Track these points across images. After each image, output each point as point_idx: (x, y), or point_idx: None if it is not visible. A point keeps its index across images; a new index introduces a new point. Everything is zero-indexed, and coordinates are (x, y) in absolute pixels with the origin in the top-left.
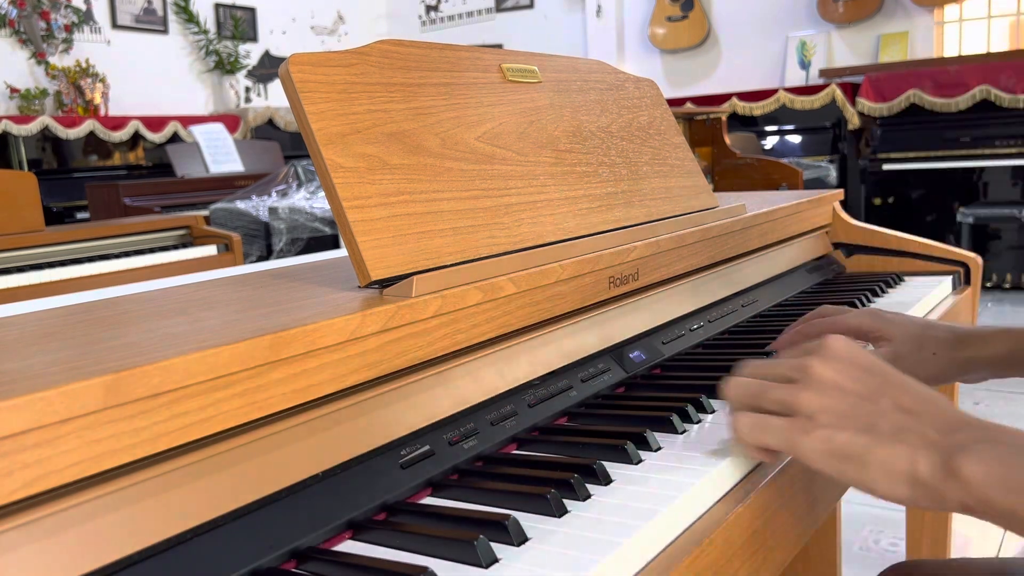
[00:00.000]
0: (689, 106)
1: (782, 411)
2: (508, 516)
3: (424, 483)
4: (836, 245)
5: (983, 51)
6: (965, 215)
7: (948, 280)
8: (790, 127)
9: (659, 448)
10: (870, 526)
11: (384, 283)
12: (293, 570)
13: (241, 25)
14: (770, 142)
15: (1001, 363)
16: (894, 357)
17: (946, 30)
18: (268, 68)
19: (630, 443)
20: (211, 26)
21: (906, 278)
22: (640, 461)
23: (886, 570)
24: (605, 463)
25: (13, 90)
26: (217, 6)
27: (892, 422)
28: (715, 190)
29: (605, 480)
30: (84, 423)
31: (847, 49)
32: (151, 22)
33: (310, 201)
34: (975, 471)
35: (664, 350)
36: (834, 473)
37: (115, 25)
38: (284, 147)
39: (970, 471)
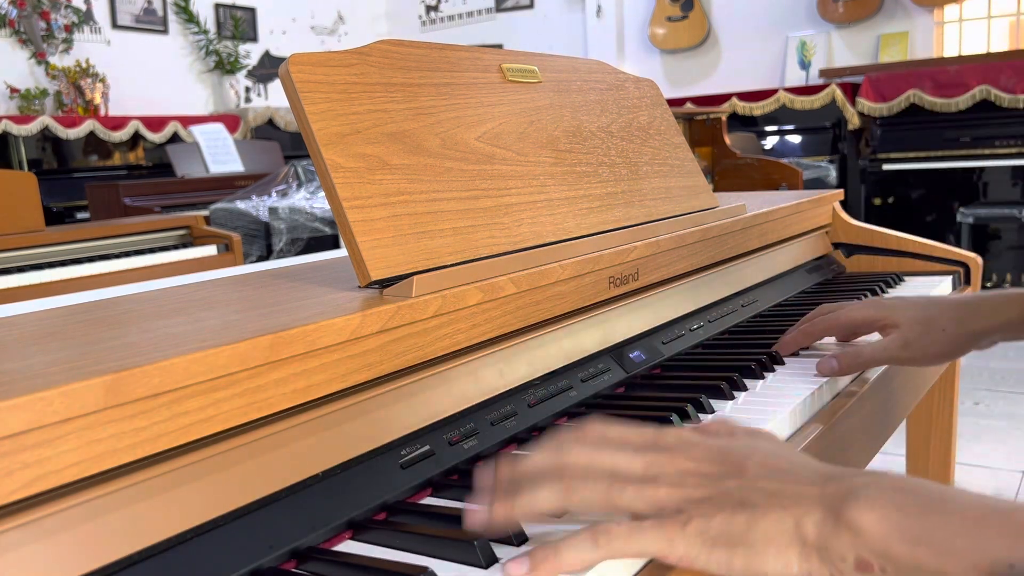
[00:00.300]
0: (689, 106)
1: (643, 512)
2: None
3: (424, 483)
4: (836, 245)
5: (983, 51)
6: (965, 215)
7: (948, 280)
8: (790, 127)
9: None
10: None
11: (384, 283)
12: (293, 570)
13: (241, 25)
14: (770, 142)
15: (1012, 328)
16: (904, 343)
17: (946, 30)
18: (268, 68)
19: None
20: (211, 26)
21: (906, 278)
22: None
23: None
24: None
25: (13, 90)
26: (217, 6)
27: (763, 489)
28: (715, 190)
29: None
30: (84, 423)
31: (847, 49)
32: (151, 22)
33: (310, 201)
34: (868, 518)
35: (664, 350)
36: (723, 567)
37: (115, 25)
38: (284, 147)
39: (862, 519)
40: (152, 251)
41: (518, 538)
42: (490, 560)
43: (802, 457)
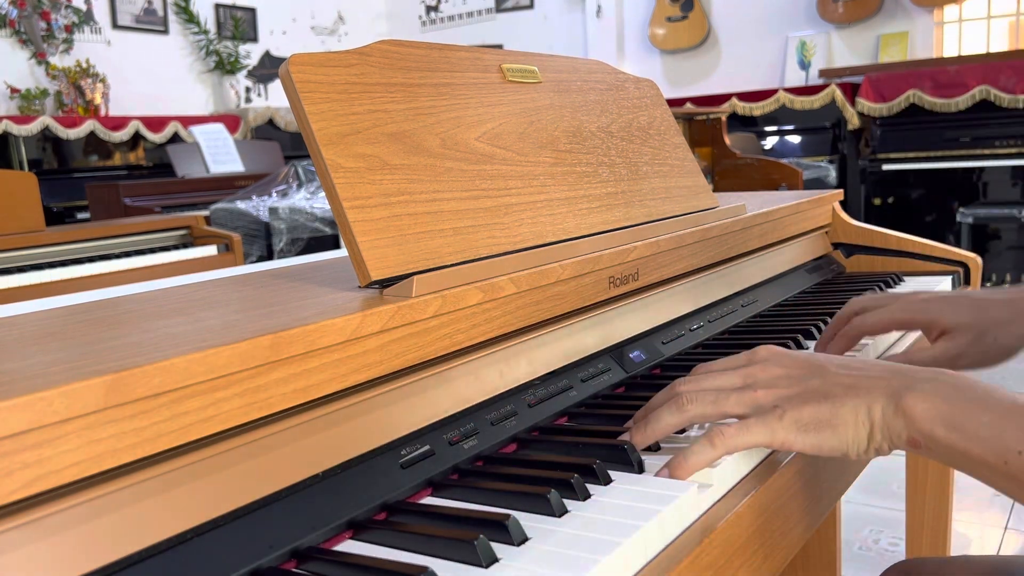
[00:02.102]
0: (689, 106)
1: (746, 413)
2: (508, 516)
3: (424, 483)
4: (836, 245)
5: (983, 51)
6: (965, 215)
7: (948, 280)
8: (790, 127)
9: (659, 448)
10: (870, 526)
11: (384, 283)
12: (293, 570)
13: (241, 25)
14: (770, 142)
15: None
16: (957, 354)
17: (946, 30)
18: (268, 68)
19: (629, 443)
20: (211, 26)
21: (906, 278)
22: (640, 461)
23: (887, 570)
24: (605, 463)
25: (13, 90)
26: (217, 6)
27: (843, 383)
28: (715, 190)
29: (605, 480)
30: (84, 423)
31: (847, 49)
32: (151, 22)
33: (310, 201)
34: (920, 407)
35: (664, 350)
36: (814, 447)
37: (115, 25)
38: (284, 147)
39: (915, 407)
40: (152, 251)
41: (518, 538)
42: (490, 560)
43: (873, 359)
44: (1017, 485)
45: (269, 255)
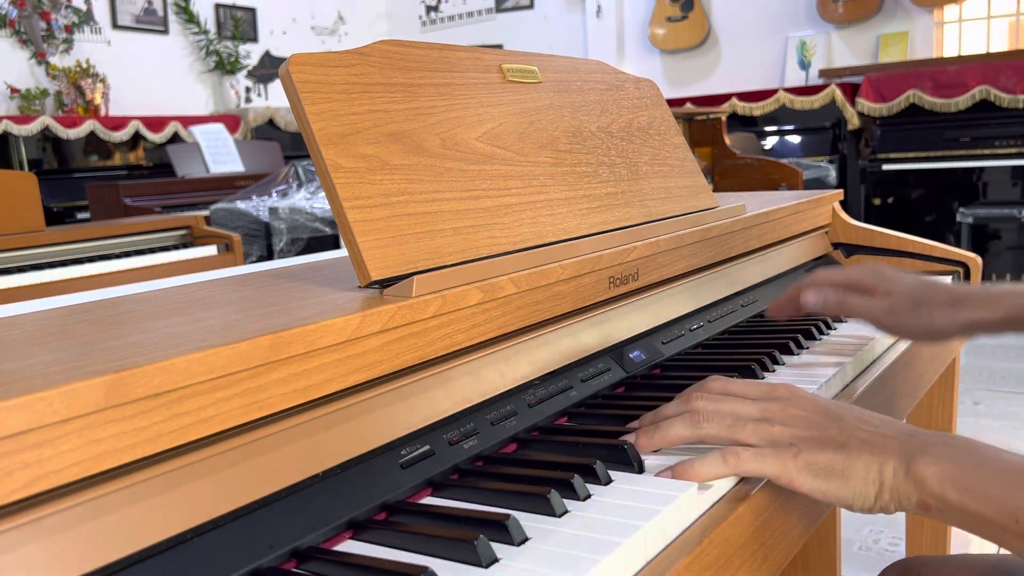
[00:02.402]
0: (689, 106)
1: (759, 445)
2: (508, 516)
3: (424, 483)
4: (836, 245)
5: (983, 51)
6: (965, 215)
7: (948, 280)
8: (790, 127)
9: (659, 449)
10: (870, 526)
11: (384, 283)
12: (293, 570)
13: (241, 25)
14: (770, 142)
15: (998, 325)
16: (890, 310)
17: (946, 30)
18: (268, 68)
19: (630, 443)
20: (211, 26)
21: None
22: (641, 461)
23: (887, 568)
24: (605, 463)
25: (13, 90)
26: (217, 6)
27: (859, 437)
28: (715, 190)
29: (605, 480)
30: (84, 423)
31: (847, 49)
32: (151, 22)
33: (310, 201)
34: (931, 471)
35: (664, 350)
36: (819, 492)
37: (115, 25)
38: (284, 147)
39: (926, 471)
40: (152, 251)
41: (518, 538)
42: (490, 560)
43: (888, 417)
44: None
45: (269, 255)
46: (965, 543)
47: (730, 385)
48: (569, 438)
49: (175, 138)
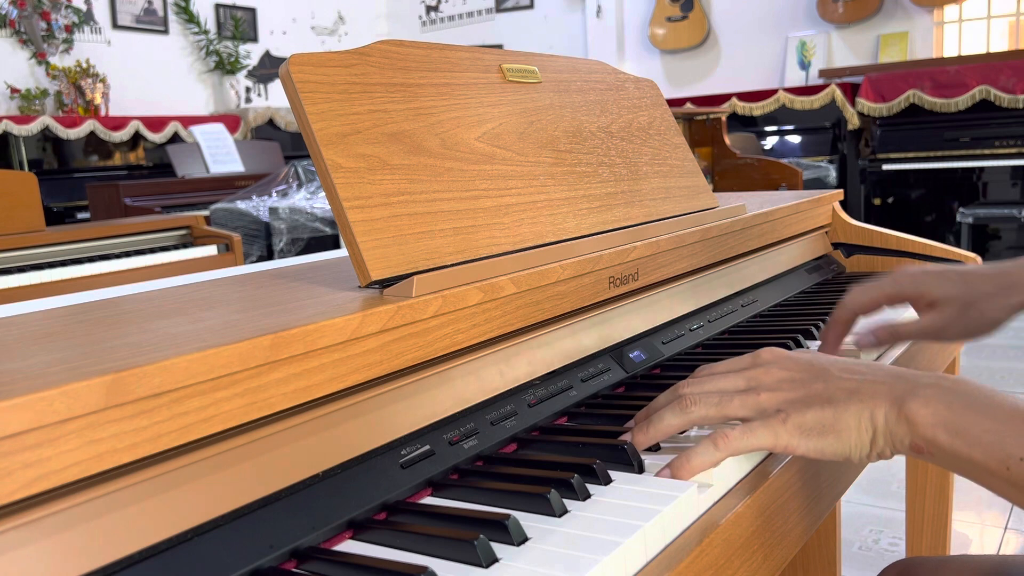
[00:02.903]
0: (689, 106)
1: (749, 417)
2: (508, 516)
3: (424, 483)
4: (836, 245)
5: (983, 51)
6: (965, 215)
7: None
8: (790, 127)
9: (659, 448)
10: (870, 526)
11: (384, 283)
12: (293, 570)
13: (241, 25)
14: (770, 142)
15: None
16: (943, 325)
17: (946, 30)
18: (268, 68)
19: (630, 443)
20: (211, 26)
21: None
22: (641, 461)
23: (887, 568)
24: (605, 463)
25: (13, 90)
26: (217, 6)
27: (845, 388)
28: (715, 190)
29: (605, 480)
30: (85, 423)
31: (847, 49)
32: (151, 22)
33: (310, 201)
34: (923, 412)
35: (664, 350)
36: (817, 452)
37: (115, 25)
38: (284, 147)
39: (918, 413)
40: (152, 251)
41: (518, 538)
42: (490, 560)
43: (875, 363)
44: (1018, 491)
45: (269, 255)
46: (965, 544)
47: (715, 366)
48: (569, 438)
49: (175, 138)
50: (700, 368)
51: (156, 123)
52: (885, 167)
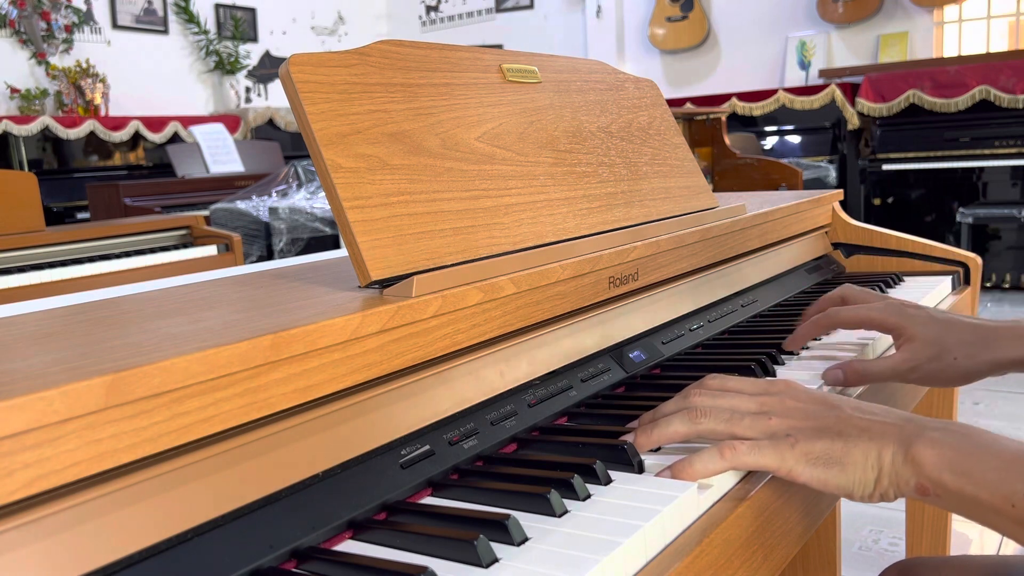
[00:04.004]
0: (689, 106)
1: (757, 439)
2: (508, 516)
3: (424, 483)
4: (836, 245)
5: (983, 51)
6: (964, 215)
7: (948, 280)
8: (790, 127)
9: (659, 449)
10: (870, 526)
11: (384, 283)
12: (293, 570)
13: (241, 25)
14: (770, 142)
15: None
16: (913, 367)
17: (946, 30)
18: (268, 68)
19: (630, 443)
20: (211, 26)
21: (905, 278)
22: (641, 461)
23: (887, 568)
24: (605, 463)
25: (13, 90)
26: (217, 6)
27: (856, 424)
28: (715, 190)
29: (605, 480)
30: (85, 423)
31: (847, 49)
32: (151, 22)
33: (310, 201)
34: (929, 454)
35: (664, 350)
36: (818, 481)
37: (115, 25)
38: (284, 147)
39: (924, 454)
40: (152, 251)
41: (518, 538)
42: (490, 560)
43: (884, 406)
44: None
45: (269, 255)
46: (965, 544)
47: (727, 381)
48: (569, 438)
49: (175, 138)
50: (710, 377)
51: (156, 123)
52: (885, 167)
